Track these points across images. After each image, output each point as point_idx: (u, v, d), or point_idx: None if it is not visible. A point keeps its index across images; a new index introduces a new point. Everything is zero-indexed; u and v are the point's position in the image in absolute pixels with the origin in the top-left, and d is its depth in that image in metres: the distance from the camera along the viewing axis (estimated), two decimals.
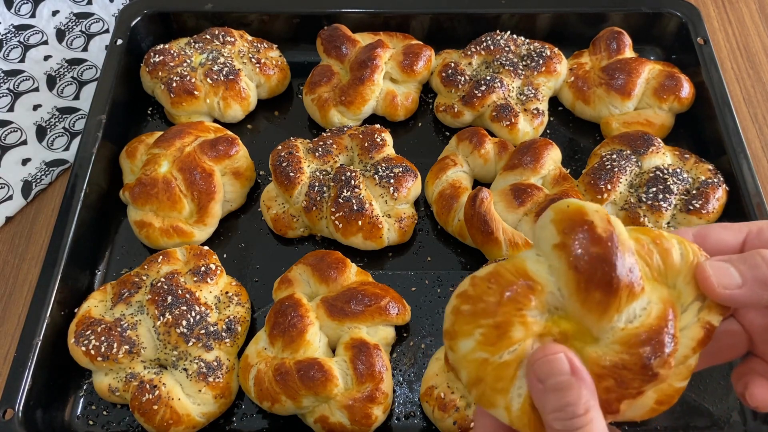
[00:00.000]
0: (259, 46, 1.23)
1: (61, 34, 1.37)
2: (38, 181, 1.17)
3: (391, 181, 1.03)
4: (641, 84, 1.16)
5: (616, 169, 1.03)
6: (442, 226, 1.07)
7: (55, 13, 1.40)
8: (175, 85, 1.15)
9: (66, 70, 1.31)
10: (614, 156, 1.05)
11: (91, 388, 0.94)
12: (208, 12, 1.26)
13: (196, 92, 1.15)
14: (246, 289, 1.01)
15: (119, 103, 1.17)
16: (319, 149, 1.08)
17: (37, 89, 1.28)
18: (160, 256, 0.98)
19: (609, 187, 1.02)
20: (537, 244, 0.51)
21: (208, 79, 1.16)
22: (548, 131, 1.20)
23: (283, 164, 1.05)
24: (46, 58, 1.33)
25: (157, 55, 1.18)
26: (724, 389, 0.94)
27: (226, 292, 0.97)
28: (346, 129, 1.11)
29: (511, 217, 1.00)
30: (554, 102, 1.23)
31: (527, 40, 1.22)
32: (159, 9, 1.26)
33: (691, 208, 1.00)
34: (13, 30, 1.37)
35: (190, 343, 0.90)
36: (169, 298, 0.91)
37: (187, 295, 0.92)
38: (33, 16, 1.39)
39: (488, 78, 1.16)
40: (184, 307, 0.91)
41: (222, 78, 1.16)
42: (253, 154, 1.13)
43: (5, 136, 1.22)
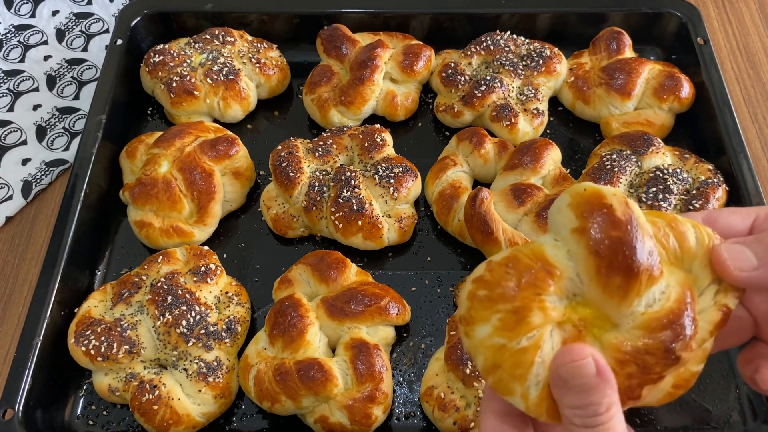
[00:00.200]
0: (259, 46, 1.23)
1: (61, 34, 1.37)
2: (38, 181, 1.17)
3: (391, 181, 1.03)
4: (641, 84, 1.16)
5: (616, 169, 1.03)
6: (442, 226, 1.07)
7: (55, 13, 1.40)
8: (175, 85, 1.15)
9: (66, 70, 1.31)
10: (614, 156, 1.05)
11: (91, 388, 0.94)
12: (208, 12, 1.26)
13: (196, 92, 1.15)
14: (246, 289, 1.01)
15: (119, 103, 1.17)
16: (319, 149, 1.08)
17: (37, 89, 1.28)
18: (160, 256, 0.98)
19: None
20: (553, 229, 0.50)
21: (208, 79, 1.16)
22: (548, 131, 1.20)
23: (283, 164, 1.05)
24: (46, 58, 1.33)
25: (157, 55, 1.18)
26: (724, 389, 0.94)
27: (226, 292, 0.97)
28: (346, 129, 1.11)
29: (511, 217, 1.00)
30: (554, 102, 1.23)
31: (527, 40, 1.22)
32: (159, 9, 1.26)
33: (691, 208, 1.00)
34: (13, 30, 1.37)
35: (190, 343, 0.90)
36: (169, 298, 0.91)
37: (187, 295, 0.92)
38: (33, 16, 1.39)
39: (488, 78, 1.16)
40: (184, 307, 0.91)
41: (222, 78, 1.16)
42: (253, 154, 1.13)
43: (5, 136, 1.22)
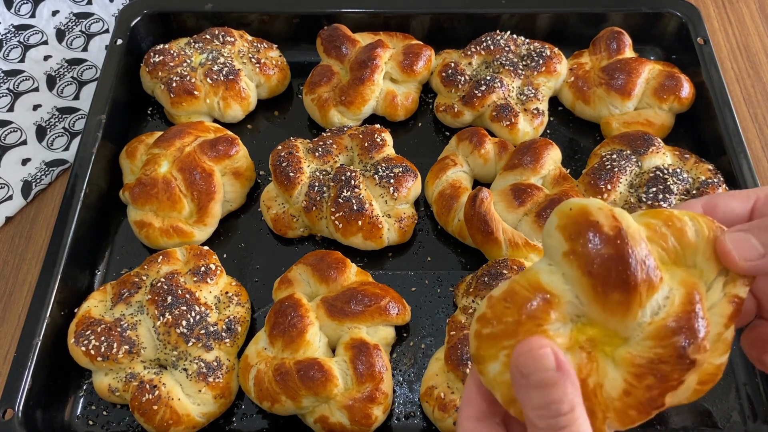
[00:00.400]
0: (259, 46, 1.23)
1: (61, 34, 1.37)
2: (38, 181, 1.17)
3: (391, 181, 1.03)
4: (641, 84, 1.16)
5: (616, 169, 1.03)
6: (442, 226, 1.07)
7: (55, 13, 1.40)
8: (175, 85, 1.15)
9: (66, 70, 1.31)
10: (614, 156, 1.05)
11: (91, 388, 0.94)
12: (208, 12, 1.26)
13: (196, 92, 1.15)
14: (246, 289, 1.00)
15: (119, 103, 1.17)
16: (319, 149, 1.08)
17: (37, 89, 1.28)
18: (160, 256, 0.98)
19: (609, 187, 1.02)
20: (547, 253, 0.51)
21: (208, 79, 1.16)
22: (548, 131, 1.20)
23: (283, 164, 1.05)
24: (46, 58, 1.33)
25: (157, 55, 1.18)
26: (724, 389, 0.94)
27: (226, 292, 0.97)
28: (346, 129, 1.11)
29: (511, 217, 1.00)
30: (554, 102, 1.23)
31: (527, 40, 1.22)
32: (159, 9, 1.26)
33: None
34: (13, 30, 1.37)
35: (190, 343, 0.90)
36: (169, 298, 0.91)
37: (187, 295, 0.92)
38: (33, 16, 1.39)
39: (488, 78, 1.16)
40: (184, 307, 0.91)
41: (222, 78, 1.16)
42: (253, 154, 1.13)
43: (5, 136, 1.22)
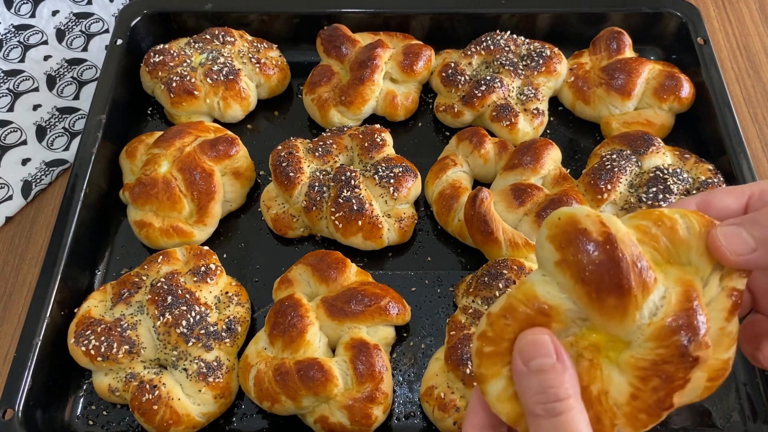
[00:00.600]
0: (259, 46, 1.23)
1: (61, 34, 1.37)
2: (38, 181, 1.17)
3: (391, 181, 1.03)
4: (641, 84, 1.16)
5: (616, 169, 1.03)
6: (442, 226, 1.07)
7: (55, 13, 1.40)
8: (175, 85, 1.15)
9: (66, 70, 1.31)
10: (614, 156, 1.05)
11: (91, 388, 0.94)
12: (208, 12, 1.26)
13: (196, 92, 1.15)
14: (246, 289, 1.01)
15: (119, 103, 1.17)
16: (319, 149, 1.08)
17: (36, 89, 1.28)
18: (160, 256, 0.98)
19: (609, 187, 1.02)
20: (540, 264, 0.51)
21: (208, 79, 1.16)
22: (548, 131, 1.20)
23: (283, 164, 1.05)
24: (46, 58, 1.33)
25: (157, 55, 1.18)
26: (724, 389, 0.94)
27: (226, 292, 0.97)
28: (346, 129, 1.11)
29: (511, 217, 1.00)
30: (554, 102, 1.23)
31: (527, 40, 1.22)
32: (159, 9, 1.26)
33: None
34: (13, 30, 1.37)
35: (190, 343, 0.90)
36: (169, 298, 0.91)
37: (187, 295, 0.92)
38: (33, 16, 1.39)
39: (488, 78, 1.16)
40: (184, 307, 0.91)
41: (222, 78, 1.16)
42: (253, 154, 1.13)
43: (5, 136, 1.22)
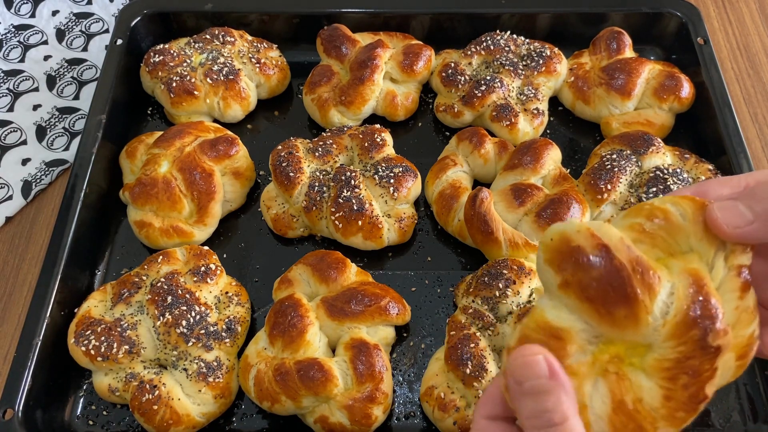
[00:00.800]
0: (259, 46, 1.23)
1: (61, 34, 1.37)
2: (38, 181, 1.17)
3: (391, 181, 1.03)
4: (641, 84, 1.16)
5: (616, 169, 1.03)
6: (442, 226, 1.07)
7: (55, 13, 1.40)
8: (175, 85, 1.15)
9: (66, 70, 1.31)
10: (614, 156, 1.05)
11: (91, 388, 0.94)
12: (208, 12, 1.26)
13: (196, 92, 1.15)
14: (246, 289, 1.01)
15: (119, 103, 1.17)
16: (319, 149, 1.08)
17: (37, 89, 1.28)
18: (160, 256, 0.98)
19: (609, 187, 1.02)
20: (545, 289, 0.51)
21: (208, 79, 1.16)
22: (548, 131, 1.20)
23: (283, 164, 1.05)
24: (46, 58, 1.33)
25: (157, 55, 1.18)
26: (724, 389, 0.94)
27: (226, 292, 0.97)
28: (346, 129, 1.11)
29: (511, 217, 1.00)
30: (554, 102, 1.23)
31: (527, 40, 1.22)
32: (159, 9, 1.26)
33: None
34: (13, 30, 1.37)
35: (190, 343, 0.90)
36: (169, 298, 0.91)
37: (187, 295, 0.92)
38: (33, 16, 1.39)
39: (488, 78, 1.16)
40: (184, 307, 0.91)
41: (222, 78, 1.16)
42: (253, 154, 1.13)
43: (5, 136, 1.22)
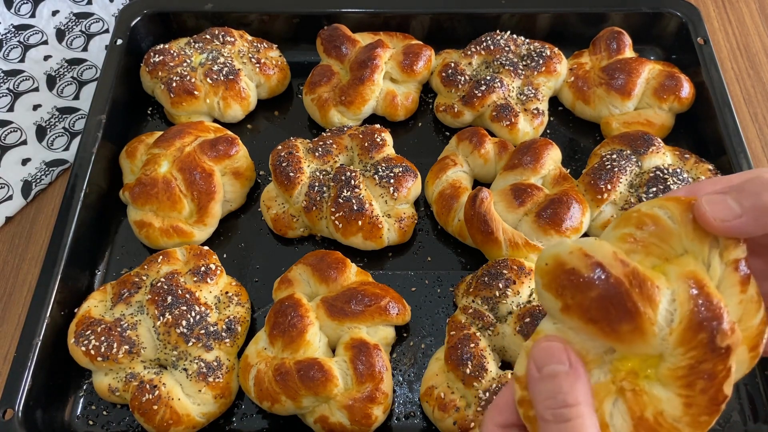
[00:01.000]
0: (259, 46, 1.23)
1: (61, 34, 1.37)
2: (38, 181, 1.17)
3: (391, 181, 1.03)
4: (641, 84, 1.16)
5: (616, 169, 1.03)
6: (442, 226, 1.07)
7: (55, 13, 1.40)
8: (175, 85, 1.15)
9: (66, 70, 1.31)
10: (614, 156, 1.05)
11: (91, 388, 0.94)
12: (208, 12, 1.26)
13: (196, 92, 1.15)
14: (246, 289, 1.01)
15: (119, 103, 1.17)
16: (319, 149, 1.08)
17: (37, 89, 1.28)
18: (160, 256, 0.98)
19: (609, 187, 1.02)
20: (549, 313, 0.51)
21: (208, 79, 1.16)
22: (548, 131, 1.20)
23: (283, 164, 1.05)
24: (46, 58, 1.33)
25: (157, 55, 1.18)
26: None
27: (226, 292, 0.97)
28: (346, 129, 1.11)
29: (511, 217, 1.00)
30: (554, 102, 1.23)
31: (527, 40, 1.22)
32: (159, 9, 1.26)
33: None
34: (13, 30, 1.37)
35: (190, 343, 0.90)
36: (169, 298, 0.91)
37: (187, 295, 0.92)
38: (33, 16, 1.39)
39: (488, 78, 1.16)
40: (184, 307, 0.91)
41: (222, 78, 1.16)
42: (253, 154, 1.13)
43: (5, 136, 1.22)
